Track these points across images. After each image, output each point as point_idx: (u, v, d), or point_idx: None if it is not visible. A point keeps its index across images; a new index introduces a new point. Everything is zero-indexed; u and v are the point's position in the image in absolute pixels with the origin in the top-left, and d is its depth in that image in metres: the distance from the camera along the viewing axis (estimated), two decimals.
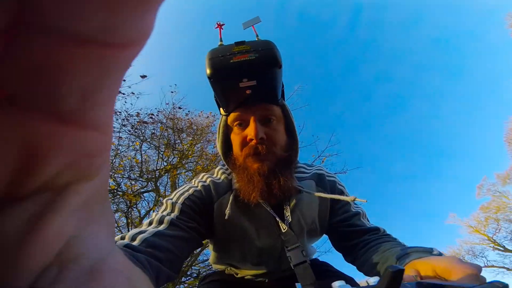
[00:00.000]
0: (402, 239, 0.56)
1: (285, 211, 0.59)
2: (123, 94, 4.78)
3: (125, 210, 4.41)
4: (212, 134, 5.42)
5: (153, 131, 4.94)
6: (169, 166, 4.63)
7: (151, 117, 4.98)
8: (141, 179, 4.59)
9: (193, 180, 0.63)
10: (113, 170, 4.32)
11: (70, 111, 0.09)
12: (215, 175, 0.64)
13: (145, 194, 4.65)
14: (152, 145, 4.85)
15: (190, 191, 0.57)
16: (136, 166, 4.67)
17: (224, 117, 0.60)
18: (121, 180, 4.48)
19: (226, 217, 0.55)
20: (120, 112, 4.76)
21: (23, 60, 0.08)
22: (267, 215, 0.58)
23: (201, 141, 5.24)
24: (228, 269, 0.71)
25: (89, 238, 0.12)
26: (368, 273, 0.54)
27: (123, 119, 4.72)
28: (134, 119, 4.85)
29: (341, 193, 0.67)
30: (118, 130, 4.64)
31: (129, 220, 4.39)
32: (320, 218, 0.64)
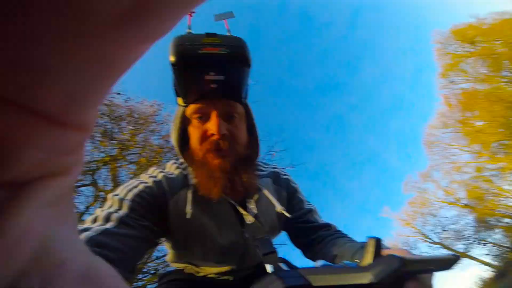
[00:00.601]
0: (345, 233, 0.64)
1: (249, 205, 0.58)
2: None
3: None
4: (156, 124, 5.20)
5: None
6: (108, 158, 4.40)
7: None
8: None
9: (142, 175, 0.58)
10: None
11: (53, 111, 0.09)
12: (167, 170, 0.60)
13: (81, 189, 4.38)
14: None
15: (140, 186, 0.53)
16: None
17: (182, 108, 0.56)
18: None
19: (188, 216, 0.52)
20: None
21: None
22: (229, 210, 0.58)
23: (144, 131, 5.02)
24: (189, 267, 0.66)
25: (65, 240, 0.11)
26: None
27: None
28: None
29: (295, 191, 0.70)
30: None
31: None
32: (279, 215, 0.64)
